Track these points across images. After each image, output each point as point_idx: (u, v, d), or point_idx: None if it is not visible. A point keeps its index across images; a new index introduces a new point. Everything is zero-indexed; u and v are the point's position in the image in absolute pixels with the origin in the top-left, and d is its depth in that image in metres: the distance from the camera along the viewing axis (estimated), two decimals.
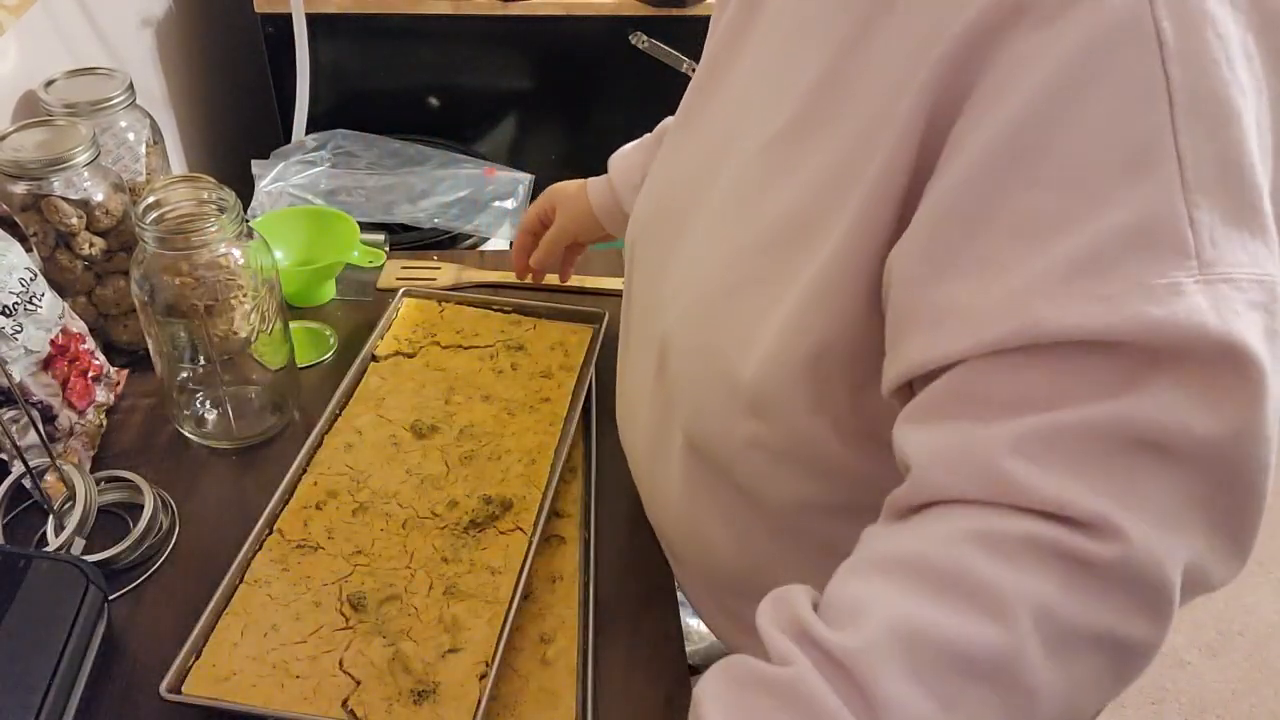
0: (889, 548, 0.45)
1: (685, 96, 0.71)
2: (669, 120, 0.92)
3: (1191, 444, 0.40)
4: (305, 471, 0.84)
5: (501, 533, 0.79)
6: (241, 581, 0.74)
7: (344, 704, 0.67)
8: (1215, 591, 0.45)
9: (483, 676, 0.68)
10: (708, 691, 0.43)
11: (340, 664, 0.69)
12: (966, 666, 0.40)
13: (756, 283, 0.59)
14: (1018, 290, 0.43)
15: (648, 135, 0.96)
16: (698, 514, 0.72)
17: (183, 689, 0.67)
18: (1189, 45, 0.41)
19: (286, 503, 0.81)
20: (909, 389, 0.49)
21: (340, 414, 0.90)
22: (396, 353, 0.97)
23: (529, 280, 1.08)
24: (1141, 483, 0.41)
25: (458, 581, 0.75)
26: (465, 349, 0.98)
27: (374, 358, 0.96)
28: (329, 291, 1.08)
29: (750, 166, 0.60)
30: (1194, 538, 0.41)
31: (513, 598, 0.73)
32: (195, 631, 0.70)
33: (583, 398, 0.92)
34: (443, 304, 1.03)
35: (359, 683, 0.68)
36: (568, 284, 1.11)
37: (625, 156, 0.95)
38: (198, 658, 0.69)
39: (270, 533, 0.78)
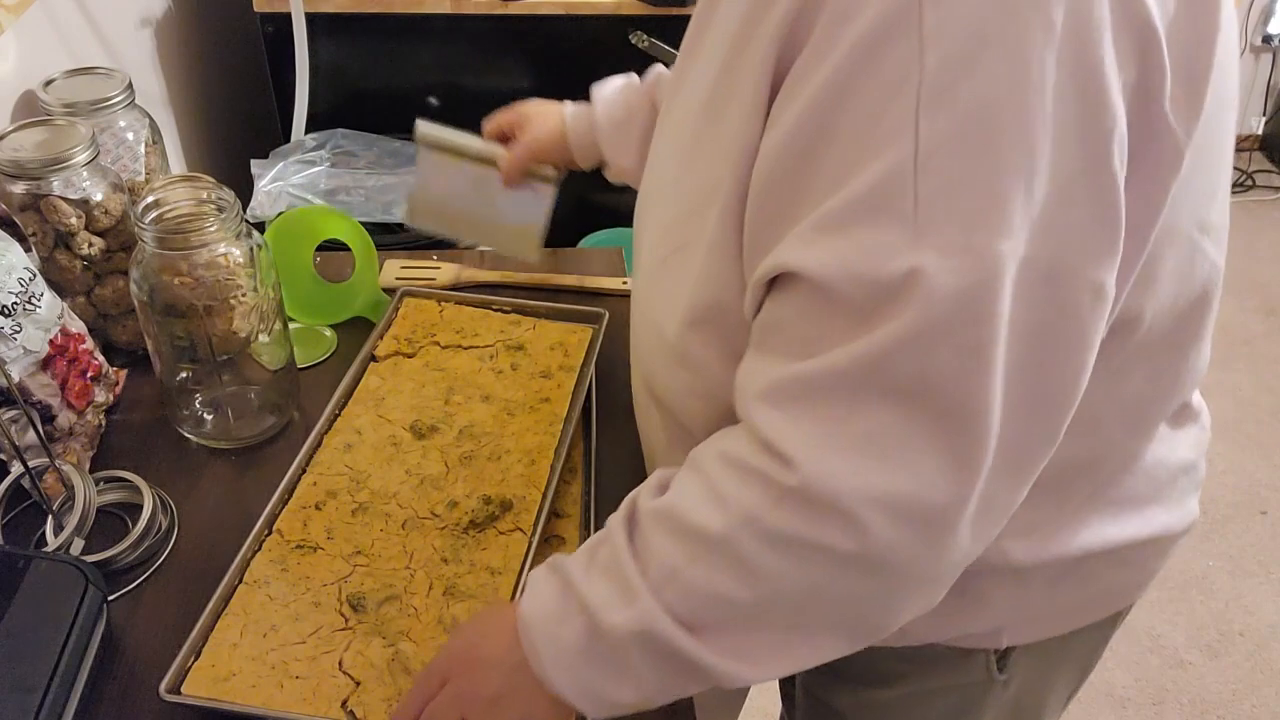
0: (697, 448, 0.61)
1: (670, 76, 0.74)
2: (660, 68, 0.94)
3: (886, 384, 0.50)
4: (305, 472, 0.83)
5: (501, 533, 0.79)
6: (241, 582, 0.74)
7: (344, 704, 0.67)
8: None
9: None
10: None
11: (340, 664, 0.69)
12: (701, 539, 0.55)
13: (678, 251, 0.64)
14: (787, 238, 0.52)
15: (633, 75, 0.96)
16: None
17: (182, 689, 0.67)
18: (944, 35, 0.46)
19: (286, 503, 0.80)
20: None
21: (339, 414, 0.89)
22: (396, 353, 0.96)
23: None
24: (841, 422, 0.51)
25: (458, 582, 0.75)
26: (465, 349, 0.98)
27: (373, 358, 0.96)
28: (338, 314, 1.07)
29: (685, 143, 0.65)
30: (890, 466, 0.50)
31: (513, 599, 0.73)
32: (194, 632, 0.69)
33: (582, 398, 0.92)
34: (442, 304, 1.03)
35: (359, 683, 0.68)
36: (568, 284, 1.11)
37: (613, 93, 0.95)
38: (197, 658, 0.69)
39: (269, 533, 0.78)
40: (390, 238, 1.36)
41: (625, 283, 1.13)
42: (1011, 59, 0.46)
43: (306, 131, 1.48)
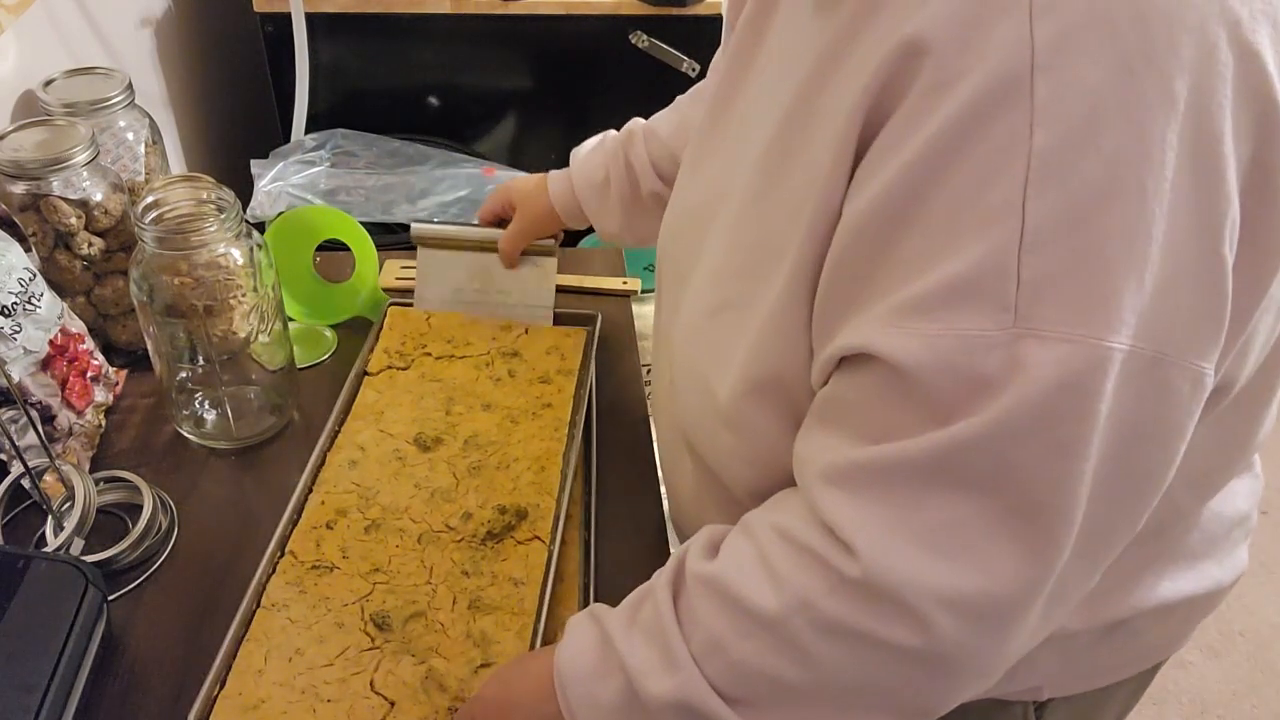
0: (751, 514, 0.59)
1: (706, 107, 0.71)
2: (638, 120, 0.92)
3: (964, 476, 0.47)
4: (311, 491, 0.82)
5: (520, 543, 0.78)
6: (259, 606, 0.73)
7: None
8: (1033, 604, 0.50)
9: None
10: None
11: (371, 685, 0.68)
12: (752, 616, 0.53)
13: (732, 307, 0.61)
14: (869, 317, 0.49)
15: (610, 133, 0.95)
16: (706, 516, 0.73)
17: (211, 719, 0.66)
18: (1058, 109, 0.43)
19: (295, 523, 0.79)
20: None
21: (340, 430, 0.88)
22: (389, 366, 0.95)
23: None
24: (910, 512, 0.48)
25: (481, 595, 0.74)
26: (459, 358, 0.97)
27: (366, 372, 0.95)
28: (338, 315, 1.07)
29: (742, 189, 0.62)
30: (960, 563, 0.47)
31: (540, 609, 0.72)
32: (217, 660, 0.68)
33: (584, 404, 0.92)
34: (429, 313, 1.01)
35: (393, 704, 0.67)
36: (568, 283, 1.11)
37: (587, 156, 0.95)
38: (222, 687, 0.67)
39: (282, 555, 0.76)
40: (390, 238, 1.35)
41: (625, 282, 1.13)
42: (1130, 135, 0.42)
43: (306, 131, 1.49)
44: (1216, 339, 0.46)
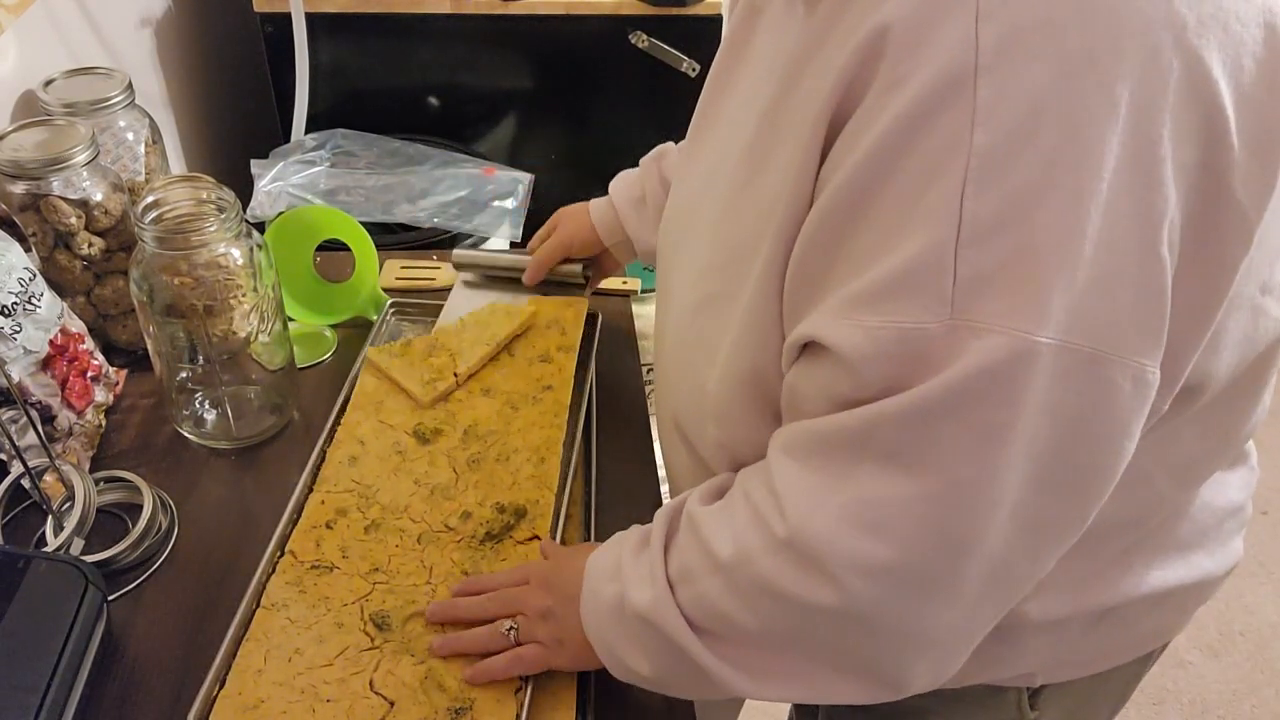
0: (742, 471, 0.63)
1: (698, 108, 0.73)
2: (668, 145, 0.94)
3: (887, 448, 0.49)
4: (311, 490, 0.82)
5: (520, 543, 0.78)
6: (259, 606, 0.72)
7: None
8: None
9: (519, 690, 0.67)
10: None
11: (370, 685, 0.68)
12: (712, 560, 0.58)
13: (716, 300, 0.64)
14: (823, 309, 0.51)
15: (647, 156, 0.97)
16: None
17: (211, 719, 0.66)
18: (999, 110, 0.44)
19: (295, 523, 0.79)
20: None
21: (340, 423, 0.88)
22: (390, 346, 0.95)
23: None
24: (839, 480, 0.51)
25: None
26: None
27: (368, 361, 0.95)
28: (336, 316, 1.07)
29: (726, 185, 0.64)
30: (876, 534, 0.50)
31: None
32: (217, 660, 0.68)
33: (585, 385, 0.91)
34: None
35: (392, 704, 0.67)
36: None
37: (624, 177, 0.97)
38: (222, 686, 0.67)
39: (282, 554, 0.76)
40: (390, 238, 1.36)
41: (625, 282, 1.13)
42: (1069, 138, 0.43)
43: (306, 131, 1.48)
44: (1158, 338, 0.47)
